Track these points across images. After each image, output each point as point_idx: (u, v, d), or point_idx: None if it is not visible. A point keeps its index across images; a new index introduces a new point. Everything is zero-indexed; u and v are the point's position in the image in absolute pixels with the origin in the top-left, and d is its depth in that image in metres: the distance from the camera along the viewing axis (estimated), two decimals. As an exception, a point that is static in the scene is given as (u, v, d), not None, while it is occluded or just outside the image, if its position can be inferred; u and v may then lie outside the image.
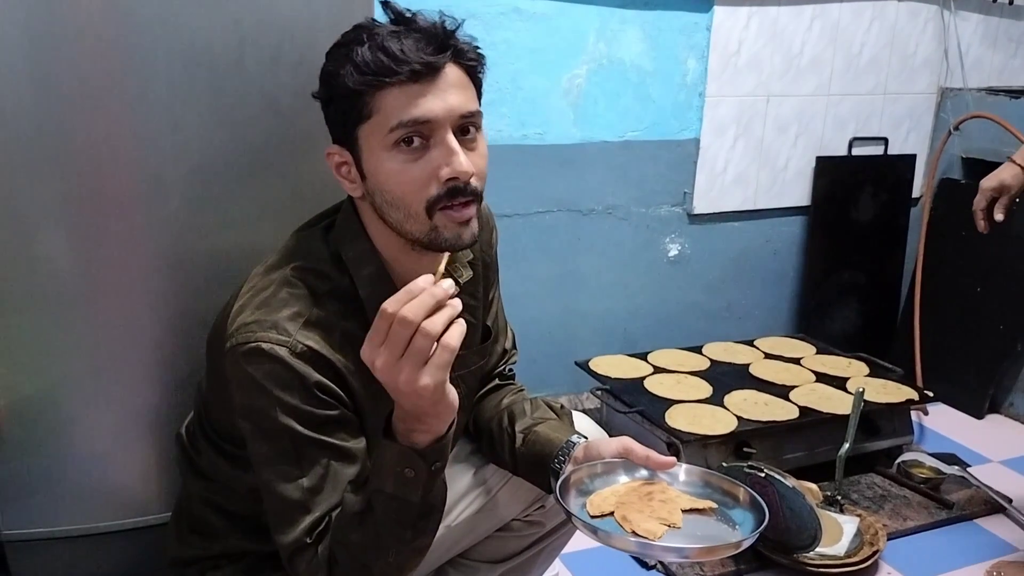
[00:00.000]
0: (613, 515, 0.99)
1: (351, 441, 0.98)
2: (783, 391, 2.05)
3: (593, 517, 0.99)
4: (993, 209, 1.72)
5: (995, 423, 2.45)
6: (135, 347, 1.27)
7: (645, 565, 1.73)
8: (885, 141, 2.63)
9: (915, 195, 2.72)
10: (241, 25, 1.19)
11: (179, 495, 1.22)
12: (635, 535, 0.95)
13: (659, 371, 2.15)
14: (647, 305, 2.43)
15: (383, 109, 0.93)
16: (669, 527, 0.97)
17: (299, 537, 0.95)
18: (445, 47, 0.94)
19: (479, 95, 1.00)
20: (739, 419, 1.90)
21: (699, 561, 1.68)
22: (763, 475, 1.55)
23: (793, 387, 2.07)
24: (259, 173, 1.26)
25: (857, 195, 2.62)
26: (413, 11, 0.98)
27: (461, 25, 0.98)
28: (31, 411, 1.24)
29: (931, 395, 2.20)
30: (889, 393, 2.08)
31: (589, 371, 2.14)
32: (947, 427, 2.38)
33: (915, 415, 2.31)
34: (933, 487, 1.97)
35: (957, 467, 2.03)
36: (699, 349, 2.31)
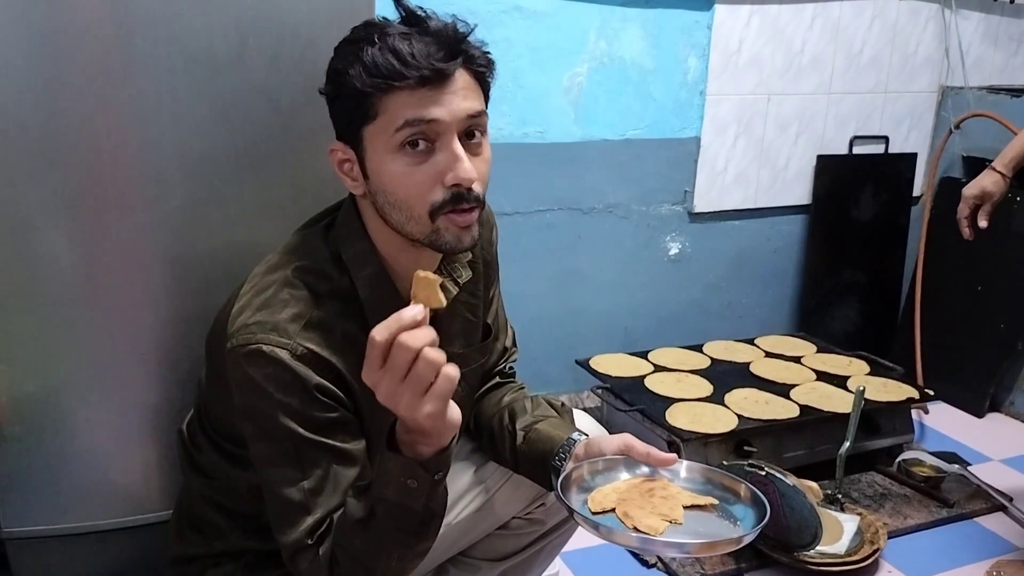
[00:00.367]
0: (614, 511, 1.00)
1: (351, 443, 0.99)
2: (784, 390, 2.05)
3: (594, 514, 0.99)
4: (977, 216, 1.72)
5: (996, 422, 2.44)
6: (136, 345, 1.27)
7: (645, 563, 1.73)
8: (886, 140, 2.63)
9: (916, 194, 2.73)
10: (242, 23, 1.19)
11: (180, 493, 1.22)
12: (636, 531, 0.95)
13: (660, 369, 2.15)
14: (648, 303, 2.43)
15: (390, 111, 0.93)
16: (670, 523, 0.98)
17: (300, 538, 0.95)
18: (456, 53, 0.93)
19: (487, 99, 1.00)
20: (740, 418, 1.90)
21: (700, 558, 1.68)
22: (764, 473, 1.55)
23: (794, 386, 2.08)
24: (259, 171, 1.26)
25: (858, 194, 2.62)
26: (427, 11, 0.96)
27: (473, 30, 0.96)
28: (32, 409, 1.24)
29: (932, 394, 2.20)
30: (890, 392, 2.08)
31: (590, 369, 2.14)
32: (948, 426, 2.38)
33: (916, 414, 2.31)
34: (934, 486, 1.97)
35: (958, 466, 2.03)
36: (700, 348, 2.31)
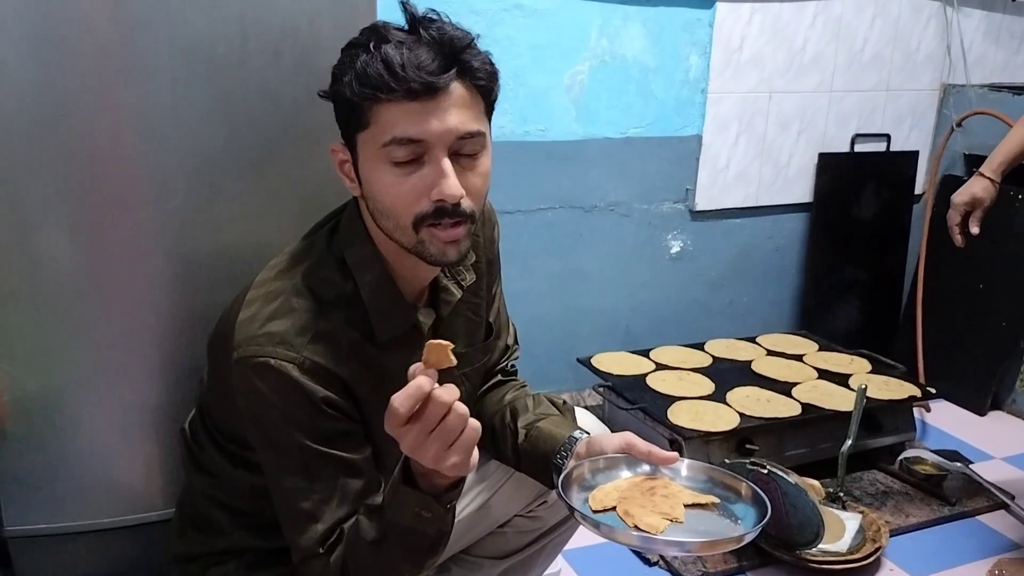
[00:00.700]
0: (615, 510, 1.00)
1: (357, 452, 1.00)
2: (785, 388, 2.05)
3: (596, 512, 1.00)
4: (968, 223, 1.72)
5: (997, 420, 2.44)
6: (138, 343, 1.27)
7: (647, 562, 1.73)
8: (887, 138, 2.63)
9: (917, 192, 2.72)
10: (243, 22, 1.19)
11: (182, 491, 1.23)
12: (637, 529, 0.96)
13: (661, 368, 2.15)
14: (649, 302, 2.43)
15: (379, 122, 0.93)
16: (671, 521, 0.98)
17: (312, 547, 0.97)
18: (449, 65, 0.91)
19: (490, 111, 0.99)
20: (741, 416, 1.90)
21: (701, 556, 1.68)
22: (766, 472, 1.55)
23: (795, 384, 2.07)
24: (260, 170, 1.26)
25: (859, 192, 2.62)
26: (438, 14, 0.95)
27: (473, 42, 0.94)
28: (34, 407, 1.24)
29: (933, 392, 2.20)
30: (891, 390, 2.08)
31: (591, 368, 2.14)
32: (949, 424, 2.38)
33: (917, 412, 2.30)
34: (935, 484, 1.97)
35: (959, 464, 2.03)
36: (701, 346, 2.31)
